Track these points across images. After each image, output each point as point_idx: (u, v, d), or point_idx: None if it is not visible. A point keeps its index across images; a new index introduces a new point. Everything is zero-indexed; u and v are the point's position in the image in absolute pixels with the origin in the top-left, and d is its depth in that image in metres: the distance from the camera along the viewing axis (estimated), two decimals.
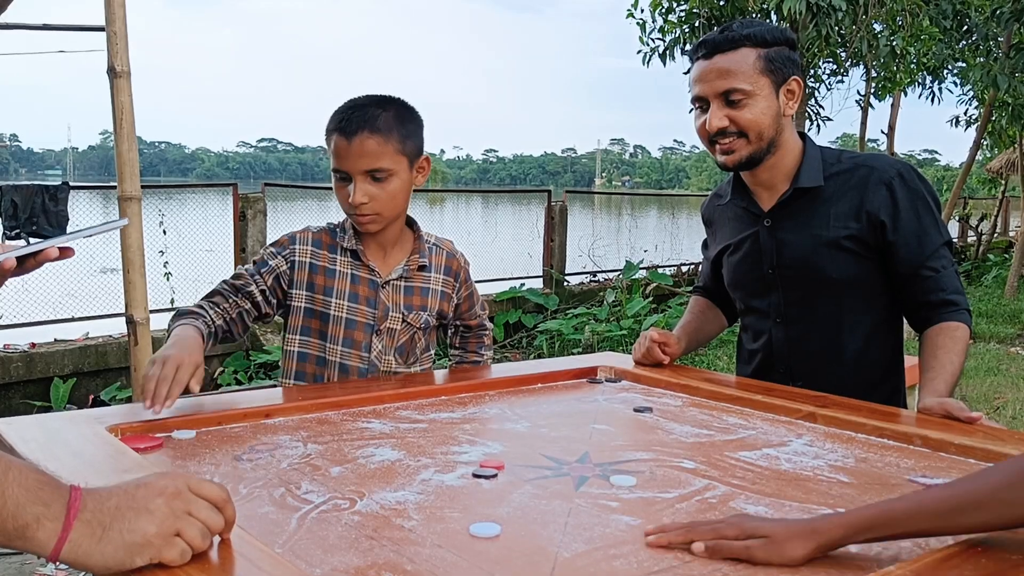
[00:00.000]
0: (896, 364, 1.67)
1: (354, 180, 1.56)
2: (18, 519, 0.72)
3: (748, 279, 1.70)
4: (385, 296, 1.66)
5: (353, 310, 1.65)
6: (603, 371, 1.75)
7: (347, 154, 1.55)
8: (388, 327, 1.67)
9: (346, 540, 0.90)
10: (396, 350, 1.69)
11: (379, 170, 1.56)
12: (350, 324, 1.65)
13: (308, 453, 1.20)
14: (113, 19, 2.84)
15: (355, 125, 1.54)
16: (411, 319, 1.68)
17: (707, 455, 1.23)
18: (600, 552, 0.88)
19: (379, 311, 1.66)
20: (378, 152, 1.55)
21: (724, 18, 6.19)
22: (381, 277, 1.66)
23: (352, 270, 1.66)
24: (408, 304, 1.68)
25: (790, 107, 1.57)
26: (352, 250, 1.66)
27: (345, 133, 1.55)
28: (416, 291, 1.70)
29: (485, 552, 0.88)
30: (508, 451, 1.23)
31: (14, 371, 4.72)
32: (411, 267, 1.69)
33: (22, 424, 1.24)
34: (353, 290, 1.65)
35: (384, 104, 1.59)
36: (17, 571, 2.80)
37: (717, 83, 1.53)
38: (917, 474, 1.16)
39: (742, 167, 1.60)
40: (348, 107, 1.58)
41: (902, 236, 1.54)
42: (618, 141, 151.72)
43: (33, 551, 0.74)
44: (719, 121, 1.54)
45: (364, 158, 1.55)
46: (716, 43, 1.54)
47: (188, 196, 7.31)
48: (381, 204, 1.58)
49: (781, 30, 1.58)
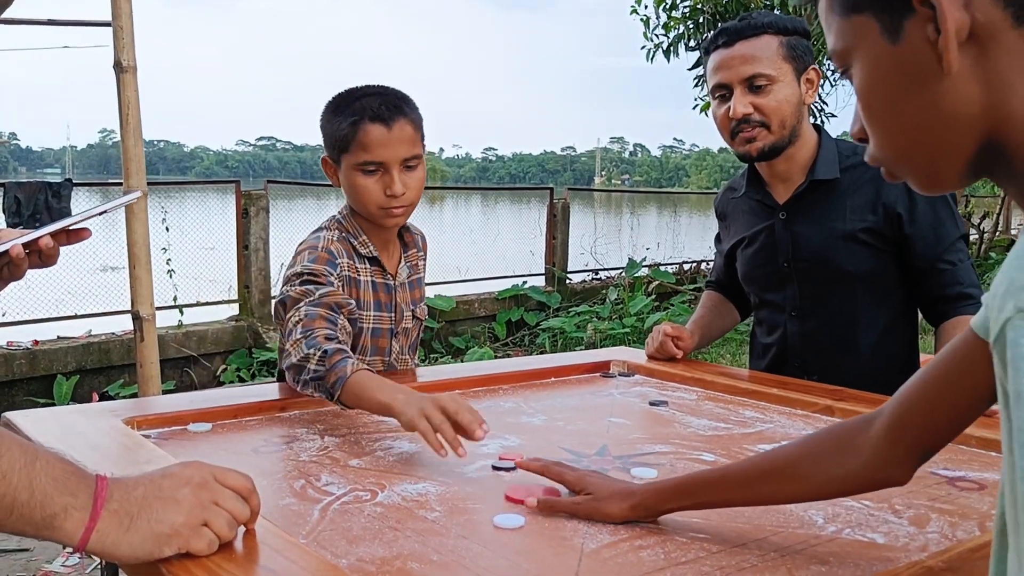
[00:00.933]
0: (911, 358, 1.67)
1: (392, 170, 1.47)
2: (46, 509, 0.71)
3: (763, 272, 1.69)
4: (400, 297, 1.60)
5: (378, 318, 1.57)
6: (616, 365, 1.75)
7: (387, 142, 1.45)
8: (404, 327, 1.62)
9: (370, 531, 0.89)
10: (410, 347, 1.67)
11: (415, 157, 1.49)
12: (376, 332, 1.57)
13: (326, 445, 1.19)
14: (119, 14, 2.83)
15: (392, 112, 1.45)
16: (418, 313, 1.66)
17: (726, 448, 1.22)
18: (626, 543, 0.88)
19: (396, 314, 1.60)
20: (414, 138, 1.49)
21: (728, 14, 6.19)
22: (394, 279, 1.60)
23: (372, 277, 1.56)
24: (413, 299, 1.65)
25: (809, 95, 1.57)
26: (371, 256, 1.56)
27: (384, 120, 1.45)
28: (415, 284, 1.66)
29: (511, 543, 0.88)
30: (526, 444, 1.23)
31: (17, 368, 4.71)
32: (411, 262, 1.65)
33: (38, 416, 1.24)
34: (376, 298, 1.57)
35: (394, 91, 1.52)
36: (23, 568, 2.79)
37: (741, 69, 1.53)
38: (939, 466, 1.15)
39: (764, 157, 1.59)
40: (360, 95, 1.48)
41: (919, 229, 1.54)
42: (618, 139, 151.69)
43: (60, 541, 0.73)
44: (743, 107, 1.53)
45: (404, 145, 1.47)
46: (738, 30, 1.54)
47: (190, 193, 7.30)
48: (414, 193, 1.51)
49: (799, 20, 1.58)
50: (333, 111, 1.50)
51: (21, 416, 1.21)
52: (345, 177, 1.50)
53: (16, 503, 0.70)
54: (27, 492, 0.70)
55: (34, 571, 2.76)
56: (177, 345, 5.30)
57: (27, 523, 0.71)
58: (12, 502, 0.70)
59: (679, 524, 0.93)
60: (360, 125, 1.45)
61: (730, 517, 0.95)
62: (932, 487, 1.07)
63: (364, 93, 1.50)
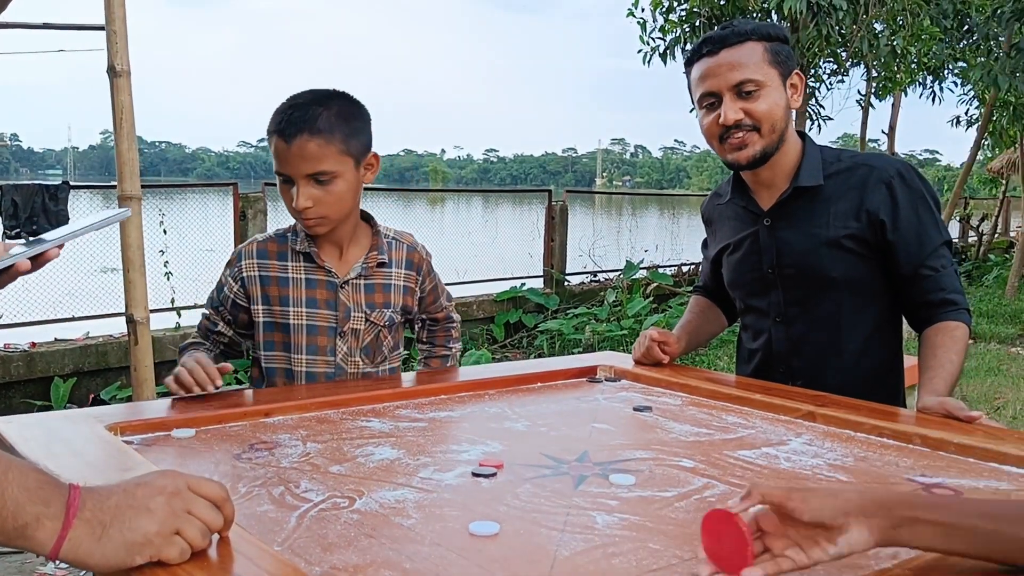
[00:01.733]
0: (896, 364, 1.67)
1: (297, 183, 1.50)
2: (18, 518, 0.72)
3: (748, 278, 1.70)
4: (345, 296, 1.62)
5: (312, 315, 1.60)
6: (603, 370, 1.75)
7: (287, 157, 1.49)
8: (352, 328, 1.62)
9: (345, 538, 0.90)
10: (362, 351, 1.65)
11: (322, 172, 1.49)
12: (312, 330, 1.60)
13: (307, 452, 1.20)
14: (113, 18, 2.84)
15: (295, 127, 1.47)
16: (374, 317, 1.64)
17: (706, 454, 1.23)
18: (599, 551, 0.88)
19: (340, 312, 1.61)
20: (320, 154, 1.48)
21: (725, 17, 6.19)
22: (339, 277, 1.61)
23: (307, 274, 1.61)
24: (370, 302, 1.64)
25: (795, 100, 1.58)
26: (305, 253, 1.61)
27: (284, 135, 1.48)
28: (378, 288, 1.65)
29: (484, 550, 0.88)
30: (507, 450, 1.23)
31: (14, 370, 4.72)
32: (370, 264, 1.64)
33: (22, 423, 1.24)
34: (310, 295, 1.60)
35: (325, 101, 1.51)
36: (17, 570, 2.80)
37: (729, 76, 1.53)
38: (916, 473, 1.16)
39: (755, 163, 1.59)
40: (288, 106, 1.51)
41: (902, 235, 1.54)
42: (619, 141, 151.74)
43: (33, 550, 0.74)
44: (735, 113, 1.53)
45: (305, 161, 1.48)
46: (722, 38, 1.55)
47: (188, 196, 7.31)
48: (327, 207, 1.52)
49: (778, 27, 1.60)
50: (272, 115, 1.55)
51: (5, 422, 1.22)
52: None
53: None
54: (11, 507, 0.71)
55: (29, 573, 2.77)
56: (174, 347, 5.31)
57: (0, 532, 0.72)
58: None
59: (652, 530, 0.94)
60: (272, 136, 1.52)
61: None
62: None
63: (293, 103, 1.52)
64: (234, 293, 1.64)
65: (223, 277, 1.67)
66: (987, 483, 1.12)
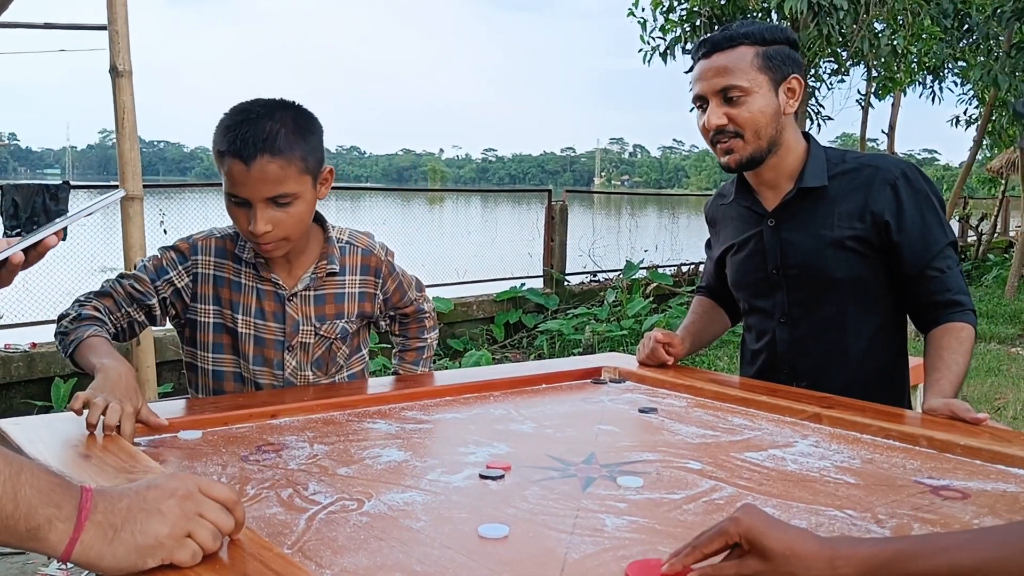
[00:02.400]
0: (901, 364, 1.67)
1: (254, 207, 1.39)
2: (30, 520, 0.72)
3: (752, 279, 1.70)
4: (293, 309, 1.54)
5: (261, 327, 1.53)
6: (607, 372, 1.75)
7: (246, 180, 1.38)
8: (300, 341, 1.55)
9: (355, 541, 0.90)
10: (313, 364, 1.59)
11: (283, 195, 1.40)
12: (259, 341, 1.54)
13: (315, 454, 1.20)
14: (115, 18, 2.84)
15: (253, 148, 1.36)
16: (325, 331, 1.57)
17: (713, 456, 1.23)
18: (609, 554, 0.88)
19: (288, 326, 1.54)
20: (281, 176, 1.38)
21: (725, 17, 6.20)
22: (287, 290, 1.54)
23: (256, 283, 1.53)
24: (320, 315, 1.57)
25: (790, 105, 1.57)
26: (253, 263, 1.53)
27: (242, 157, 1.36)
28: (329, 299, 1.57)
29: (495, 553, 0.88)
30: (514, 452, 1.23)
31: (15, 371, 4.71)
32: (319, 275, 1.55)
33: (29, 424, 1.24)
34: (259, 305, 1.53)
35: (279, 115, 1.41)
36: (19, 571, 2.80)
37: (715, 81, 1.54)
38: (924, 475, 1.16)
39: (743, 167, 1.60)
40: (239, 121, 1.39)
41: (906, 236, 1.54)
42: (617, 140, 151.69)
43: (45, 552, 0.74)
44: (717, 119, 1.55)
45: (266, 184, 1.38)
46: (715, 42, 1.56)
47: (188, 195, 7.31)
48: (286, 229, 1.43)
49: (782, 29, 1.59)
50: (216, 129, 1.43)
51: (12, 424, 1.22)
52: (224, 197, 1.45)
53: (1, 514, 0.71)
54: (12, 503, 0.71)
55: (31, 574, 2.76)
56: (175, 348, 5.31)
57: (11, 534, 0.72)
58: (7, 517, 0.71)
59: (661, 532, 0.94)
60: (224, 157, 1.40)
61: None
62: (916, 496, 1.07)
63: (244, 118, 1.40)
64: (182, 284, 1.52)
65: (169, 260, 1.52)
66: (994, 485, 1.12)
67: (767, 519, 0.78)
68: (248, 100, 1.45)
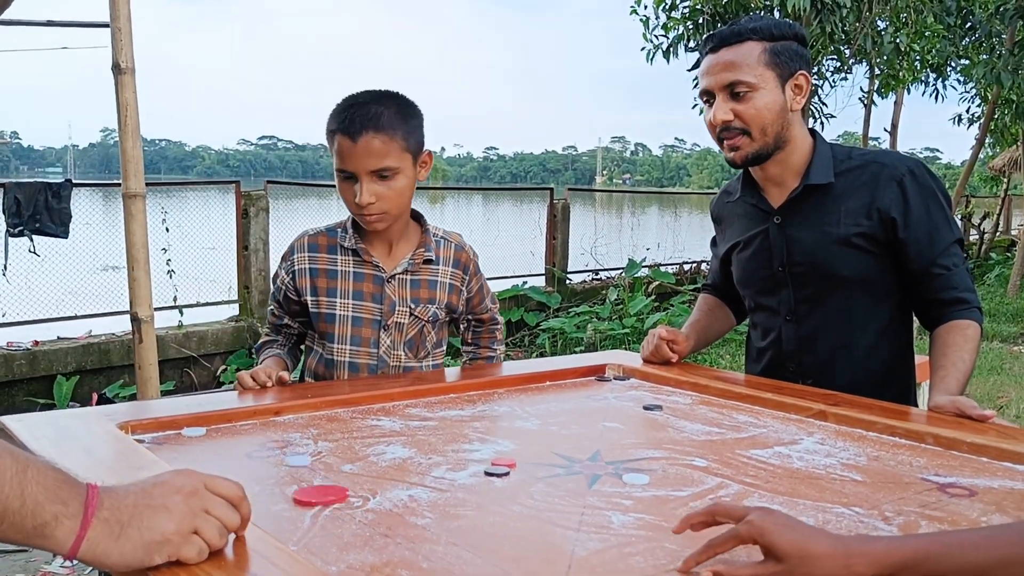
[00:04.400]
0: (907, 361, 1.67)
1: (360, 180, 1.55)
2: (37, 517, 0.72)
3: (758, 276, 1.69)
4: (391, 291, 1.66)
5: (358, 307, 1.65)
6: (611, 369, 1.75)
7: (353, 154, 1.53)
8: (396, 321, 1.66)
9: (360, 538, 0.90)
10: (406, 344, 1.68)
11: (385, 169, 1.55)
12: (356, 321, 1.65)
13: (319, 451, 1.19)
14: (118, 15, 2.83)
15: (359, 124, 1.53)
16: (419, 312, 1.68)
17: (719, 453, 1.22)
18: (615, 550, 0.88)
19: (385, 306, 1.65)
20: (383, 151, 1.54)
21: (728, 15, 6.18)
22: (386, 272, 1.66)
23: (355, 268, 1.66)
24: (415, 297, 1.68)
25: (797, 102, 1.57)
26: (353, 249, 1.66)
27: (349, 133, 1.53)
28: (423, 284, 1.69)
29: (501, 550, 0.88)
30: (519, 449, 1.23)
31: (17, 369, 4.72)
32: (416, 260, 1.68)
33: (33, 421, 1.24)
34: (357, 288, 1.65)
35: (385, 101, 1.57)
36: (22, 568, 2.80)
37: (722, 76, 1.53)
38: (930, 472, 1.15)
39: (749, 163, 1.60)
40: (349, 105, 1.56)
41: (913, 233, 1.54)
42: (619, 139, 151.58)
43: (51, 549, 0.74)
44: (724, 114, 1.54)
45: (370, 158, 1.53)
46: (723, 37, 1.55)
47: (190, 193, 7.30)
48: (388, 202, 1.57)
49: (790, 24, 1.57)
50: (330, 115, 1.58)
51: (15, 421, 1.21)
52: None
53: (7, 511, 0.71)
54: (18, 501, 0.71)
55: (33, 572, 2.77)
56: (177, 346, 5.31)
57: (18, 531, 0.72)
58: (3, 510, 0.71)
59: (668, 530, 0.93)
60: (335, 135, 1.56)
61: (720, 526, 0.95)
62: (923, 493, 1.07)
63: (353, 101, 1.57)
64: (286, 285, 1.69)
65: (279, 270, 1.72)
66: (1001, 482, 1.12)
67: (781, 520, 0.78)
68: (358, 91, 1.60)
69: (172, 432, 1.26)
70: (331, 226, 1.71)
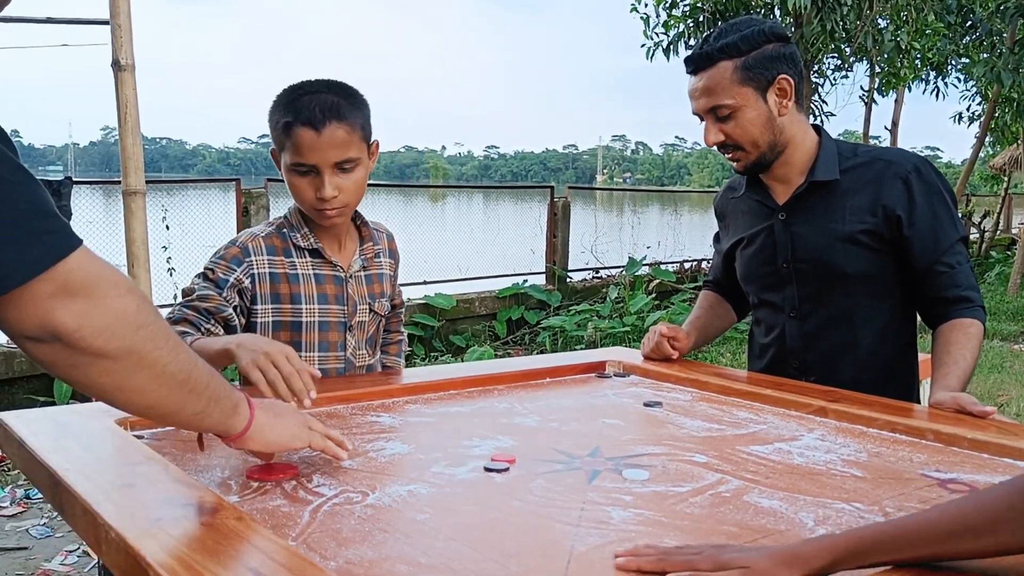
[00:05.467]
0: (910, 358, 1.66)
1: (323, 173, 1.47)
2: (231, 401, 0.95)
3: (762, 273, 1.69)
4: (351, 289, 1.61)
5: (324, 311, 1.58)
6: (611, 366, 1.75)
7: (317, 146, 1.46)
8: (359, 320, 1.62)
9: (359, 533, 0.89)
10: (366, 342, 1.65)
11: (348, 160, 1.49)
12: (323, 326, 1.58)
13: None
14: (118, 12, 2.83)
15: (322, 115, 1.45)
16: (376, 308, 1.65)
17: (719, 449, 1.22)
18: (615, 546, 0.88)
19: (348, 306, 1.60)
20: (347, 141, 1.48)
21: (728, 12, 6.17)
22: (344, 271, 1.60)
23: (314, 269, 1.58)
24: (371, 293, 1.65)
25: (784, 105, 1.55)
26: (311, 248, 1.58)
27: (312, 124, 1.45)
28: (375, 279, 1.66)
29: (500, 546, 0.88)
30: (519, 445, 1.23)
31: (17, 366, 4.71)
32: (367, 255, 1.65)
33: (32, 417, 1.23)
34: (320, 290, 1.58)
35: (337, 89, 1.51)
36: (22, 567, 2.80)
37: (702, 101, 1.56)
38: (931, 468, 1.15)
39: (752, 172, 1.63)
40: (302, 95, 1.48)
41: (917, 231, 1.53)
42: (620, 137, 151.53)
43: (231, 428, 0.96)
44: (714, 136, 1.57)
45: (334, 149, 1.46)
46: (694, 60, 1.56)
47: (190, 191, 7.30)
48: (349, 195, 1.52)
49: (761, 31, 1.53)
50: (275, 106, 1.51)
51: (14, 417, 1.21)
52: (284, 173, 1.53)
53: (219, 397, 0.93)
54: (223, 388, 0.94)
55: (33, 569, 2.76)
56: None
57: (222, 411, 0.94)
58: (217, 396, 0.92)
59: (667, 525, 0.93)
60: (292, 127, 1.46)
61: (719, 521, 0.95)
62: (923, 489, 1.07)
63: (304, 91, 1.49)
64: (243, 286, 1.53)
65: (223, 267, 1.53)
66: (1002, 479, 1.11)
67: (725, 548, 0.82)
68: (297, 82, 1.53)
69: (171, 428, 1.26)
70: (274, 226, 1.60)
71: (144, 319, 0.81)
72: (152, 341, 0.81)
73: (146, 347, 0.81)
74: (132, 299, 0.80)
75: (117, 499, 0.91)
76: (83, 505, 0.90)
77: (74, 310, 0.76)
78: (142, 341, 0.80)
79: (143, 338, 0.80)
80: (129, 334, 0.79)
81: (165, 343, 0.83)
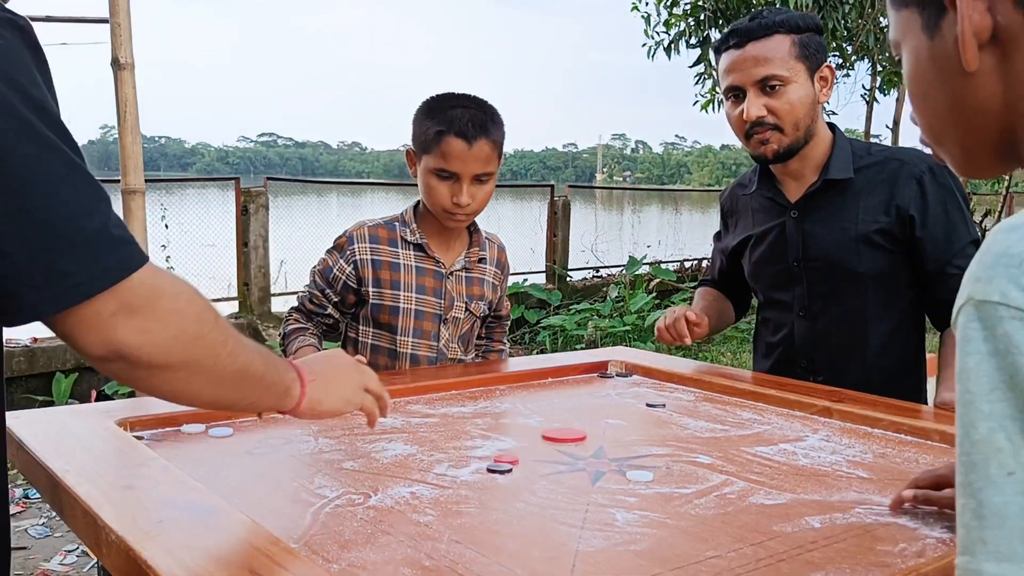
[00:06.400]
0: (919, 358, 1.65)
1: (462, 182, 1.60)
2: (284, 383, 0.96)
3: (771, 271, 1.67)
4: (450, 286, 1.71)
5: (421, 301, 1.69)
6: (614, 366, 1.74)
7: (465, 157, 1.58)
8: (453, 316, 1.71)
9: (362, 535, 0.89)
10: (459, 338, 1.74)
11: (486, 174, 1.62)
12: (419, 315, 1.69)
13: (320, 447, 1.18)
14: (117, 11, 2.82)
15: (476, 130, 1.58)
16: (472, 308, 1.74)
17: (723, 450, 1.21)
18: (621, 547, 0.87)
19: (446, 301, 1.70)
20: (491, 156, 1.61)
21: (730, 11, 6.16)
22: (446, 268, 1.71)
23: (416, 262, 1.70)
24: (470, 294, 1.74)
25: (824, 94, 1.55)
26: (417, 244, 1.70)
27: (467, 137, 1.58)
28: (475, 282, 1.75)
29: (505, 547, 0.87)
30: (522, 446, 1.22)
31: (16, 366, 4.70)
32: (471, 259, 1.75)
33: (31, 418, 1.23)
34: (420, 282, 1.70)
35: (484, 107, 1.64)
36: (21, 566, 2.79)
37: (754, 71, 1.51)
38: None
39: (779, 159, 1.57)
40: (453, 106, 1.61)
41: (930, 232, 1.52)
42: (619, 136, 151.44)
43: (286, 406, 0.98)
44: (757, 110, 1.52)
45: (478, 162, 1.59)
46: (749, 30, 1.52)
47: (189, 190, 7.29)
48: (479, 204, 1.64)
49: (811, 16, 1.56)
50: (425, 113, 1.64)
51: (14, 418, 1.20)
52: (421, 174, 1.64)
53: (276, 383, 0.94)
54: (275, 373, 0.94)
55: (32, 569, 2.76)
56: None
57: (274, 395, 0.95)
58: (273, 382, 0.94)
59: (672, 527, 0.92)
60: (445, 136, 1.59)
61: (725, 521, 0.95)
62: None
63: (458, 104, 1.62)
64: (345, 275, 1.68)
65: (329, 260, 1.70)
66: None
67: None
68: (444, 93, 1.66)
69: (171, 429, 1.25)
70: (387, 219, 1.74)
71: (202, 328, 0.81)
72: (211, 349, 0.82)
73: (205, 356, 0.81)
74: (192, 309, 0.80)
75: (117, 501, 0.90)
76: (83, 507, 0.89)
77: (136, 327, 0.74)
78: (201, 351, 0.81)
79: (202, 347, 0.81)
80: (189, 346, 0.79)
81: (223, 348, 0.84)
